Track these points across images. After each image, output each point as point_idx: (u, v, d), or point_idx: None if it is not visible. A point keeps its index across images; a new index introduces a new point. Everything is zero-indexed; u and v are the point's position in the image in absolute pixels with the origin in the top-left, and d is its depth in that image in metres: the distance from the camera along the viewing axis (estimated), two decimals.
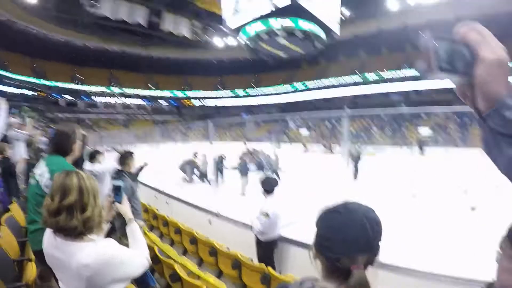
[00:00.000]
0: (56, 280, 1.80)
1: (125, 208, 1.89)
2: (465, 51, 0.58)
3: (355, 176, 14.18)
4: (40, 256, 2.38)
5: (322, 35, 22.64)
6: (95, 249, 1.43)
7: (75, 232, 1.43)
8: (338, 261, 0.90)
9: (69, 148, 2.69)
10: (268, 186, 4.62)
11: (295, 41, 22.65)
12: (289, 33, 21.35)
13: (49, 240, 1.50)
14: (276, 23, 20.83)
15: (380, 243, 0.94)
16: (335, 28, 23.87)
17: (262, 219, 4.43)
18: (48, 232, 1.52)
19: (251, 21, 21.53)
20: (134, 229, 1.78)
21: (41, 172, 2.51)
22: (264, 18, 20.82)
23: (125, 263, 1.50)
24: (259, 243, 4.64)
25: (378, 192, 9.86)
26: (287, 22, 20.84)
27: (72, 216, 1.42)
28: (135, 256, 1.60)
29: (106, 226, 1.80)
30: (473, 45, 0.57)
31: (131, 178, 4.29)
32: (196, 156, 15.70)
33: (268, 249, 4.63)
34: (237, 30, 23.65)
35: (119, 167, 4.23)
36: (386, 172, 15.98)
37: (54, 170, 2.42)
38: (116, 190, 1.92)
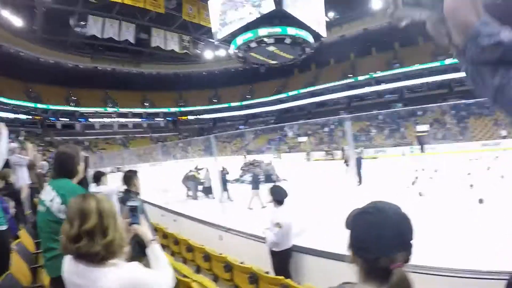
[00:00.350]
0: None
1: (144, 229, 1.79)
2: None
3: (360, 181, 14.12)
4: (57, 283, 2.29)
5: (310, 39, 22.78)
6: (119, 274, 1.37)
7: (97, 257, 1.36)
8: (377, 261, 0.89)
9: (74, 170, 2.61)
10: (278, 196, 4.56)
11: (283, 47, 22.81)
12: (278, 40, 21.48)
13: (70, 267, 1.43)
14: (264, 31, 20.99)
15: (413, 241, 0.93)
16: (322, 31, 24.05)
17: (275, 229, 4.37)
18: (68, 259, 1.46)
19: (239, 31, 21.71)
20: (156, 250, 1.70)
21: (51, 197, 2.41)
22: (252, 28, 21.00)
23: (150, 287, 1.44)
24: (273, 254, 4.56)
25: (384, 195, 9.81)
26: (274, 29, 21.02)
27: (93, 241, 1.35)
28: (160, 278, 1.53)
29: (127, 249, 1.73)
30: None
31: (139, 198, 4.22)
32: (198, 171, 15.61)
33: (283, 259, 4.56)
34: (226, 41, 23.81)
35: (125, 188, 4.14)
36: (390, 173, 15.99)
37: (65, 194, 2.36)
38: (133, 211, 1.81)
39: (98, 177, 5.34)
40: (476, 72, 0.56)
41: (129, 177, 4.05)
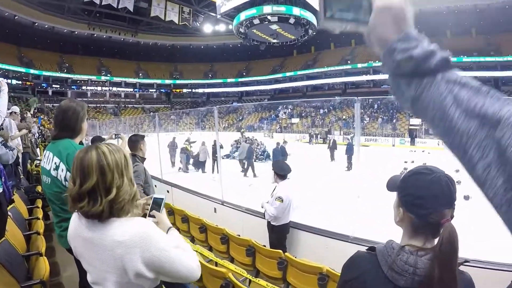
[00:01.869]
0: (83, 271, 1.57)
1: (163, 217, 1.64)
2: (364, 1, 0.62)
3: (349, 167, 14.29)
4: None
5: (314, 21, 22.53)
6: (129, 226, 1.28)
7: (102, 217, 1.27)
8: (429, 216, 0.99)
9: (78, 127, 2.32)
10: (281, 170, 4.63)
11: (286, 27, 22.54)
12: (281, 19, 21.20)
13: (78, 222, 1.35)
14: (268, 9, 20.70)
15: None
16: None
17: (276, 203, 4.44)
18: (75, 215, 1.37)
19: (243, 6, 21.37)
20: (175, 237, 1.52)
21: (54, 166, 2.18)
22: (257, 4, 20.69)
23: (166, 250, 1.29)
24: (272, 228, 4.65)
25: (372, 182, 9.95)
26: (279, 7, 20.72)
27: (95, 200, 1.25)
28: (182, 253, 1.35)
29: (140, 202, 1.57)
30: None
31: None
32: (190, 145, 15.52)
33: (280, 234, 4.66)
34: (229, 15, 23.45)
35: (131, 152, 3.95)
36: (379, 162, 16.13)
37: (69, 159, 2.12)
38: (156, 203, 1.65)
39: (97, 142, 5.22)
40: (395, 84, 0.59)
41: (135, 141, 3.91)
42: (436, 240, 0.99)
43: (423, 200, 1.01)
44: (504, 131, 0.44)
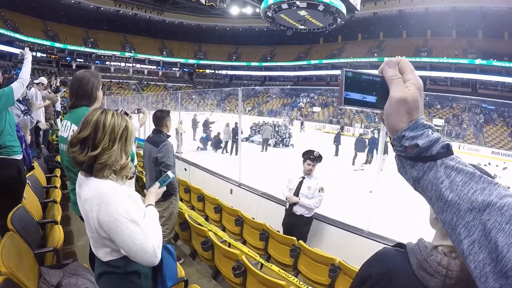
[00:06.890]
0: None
1: (152, 191, 1.80)
2: (383, 85, 0.67)
3: (369, 161, 14.11)
4: None
5: (343, 10, 22.06)
6: (94, 184, 1.40)
7: (82, 167, 1.42)
8: None
9: (94, 95, 2.39)
10: (320, 160, 4.47)
11: (315, 14, 22.12)
12: (310, 5, 20.79)
13: (78, 180, 1.51)
14: None
15: None
16: (357, 3, 23.27)
17: (321, 195, 4.31)
18: (79, 174, 1.51)
19: None
20: (147, 214, 1.56)
21: (71, 133, 2.22)
22: None
23: (115, 218, 1.34)
24: (306, 221, 4.45)
25: (392, 179, 9.76)
26: None
27: (83, 150, 1.39)
28: (135, 229, 1.37)
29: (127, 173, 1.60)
30: (387, 81, 0.67)
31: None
32: (182, 127, 15.45)
33: (308, 224, 4.50)
34: None
35: (156, 128, 3.92)
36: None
37: None
38: (165, 178, 1.90)
39: None
40: (401, 164, 0.67)
41: (161, 117, 3.80)
42: None
43: None
44: (491, 215, 0.51)
